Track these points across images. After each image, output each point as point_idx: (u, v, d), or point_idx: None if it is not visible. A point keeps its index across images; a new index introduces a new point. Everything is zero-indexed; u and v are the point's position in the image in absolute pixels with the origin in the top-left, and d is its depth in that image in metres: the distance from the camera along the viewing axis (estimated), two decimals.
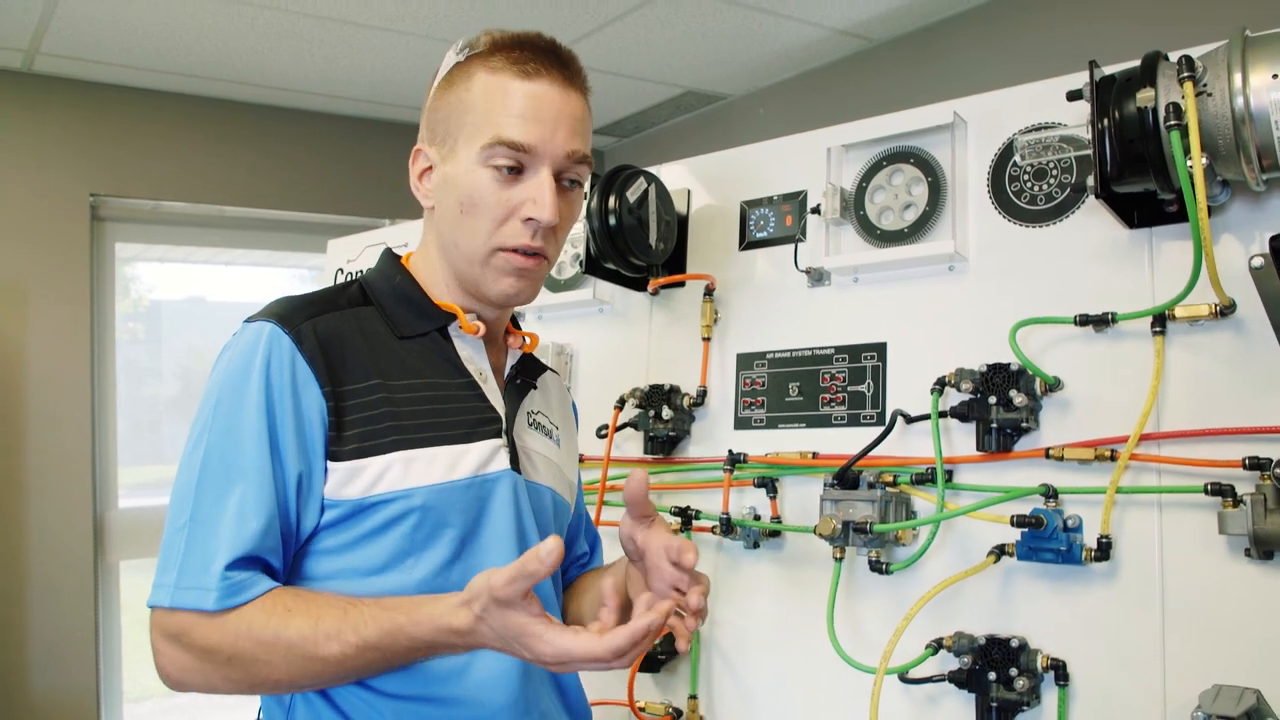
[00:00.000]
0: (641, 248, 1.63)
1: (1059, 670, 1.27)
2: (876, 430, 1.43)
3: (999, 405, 1.33)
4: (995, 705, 1.29)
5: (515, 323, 1.21)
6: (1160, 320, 1.25)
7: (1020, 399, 1.32)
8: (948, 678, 1.33)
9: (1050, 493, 1.29)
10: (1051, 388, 1.32)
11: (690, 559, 0.96)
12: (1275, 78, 1.07)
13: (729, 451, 1.60)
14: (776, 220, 1.66)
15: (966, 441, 1.38)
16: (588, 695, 1.21)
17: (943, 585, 1.33)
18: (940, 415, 1.38)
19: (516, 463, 1.10)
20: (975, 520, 1.34)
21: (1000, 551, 1.32)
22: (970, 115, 1.46)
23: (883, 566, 1.41)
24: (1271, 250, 1.04)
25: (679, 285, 1.75)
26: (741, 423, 1.64)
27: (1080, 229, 1.35)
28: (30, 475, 3.12)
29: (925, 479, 1.40)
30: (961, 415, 1.37)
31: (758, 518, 1.58)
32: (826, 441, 1.53)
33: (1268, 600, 1.15)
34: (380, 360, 1.04)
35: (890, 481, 1.42)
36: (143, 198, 3.40)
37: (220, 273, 3.89)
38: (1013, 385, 1.33)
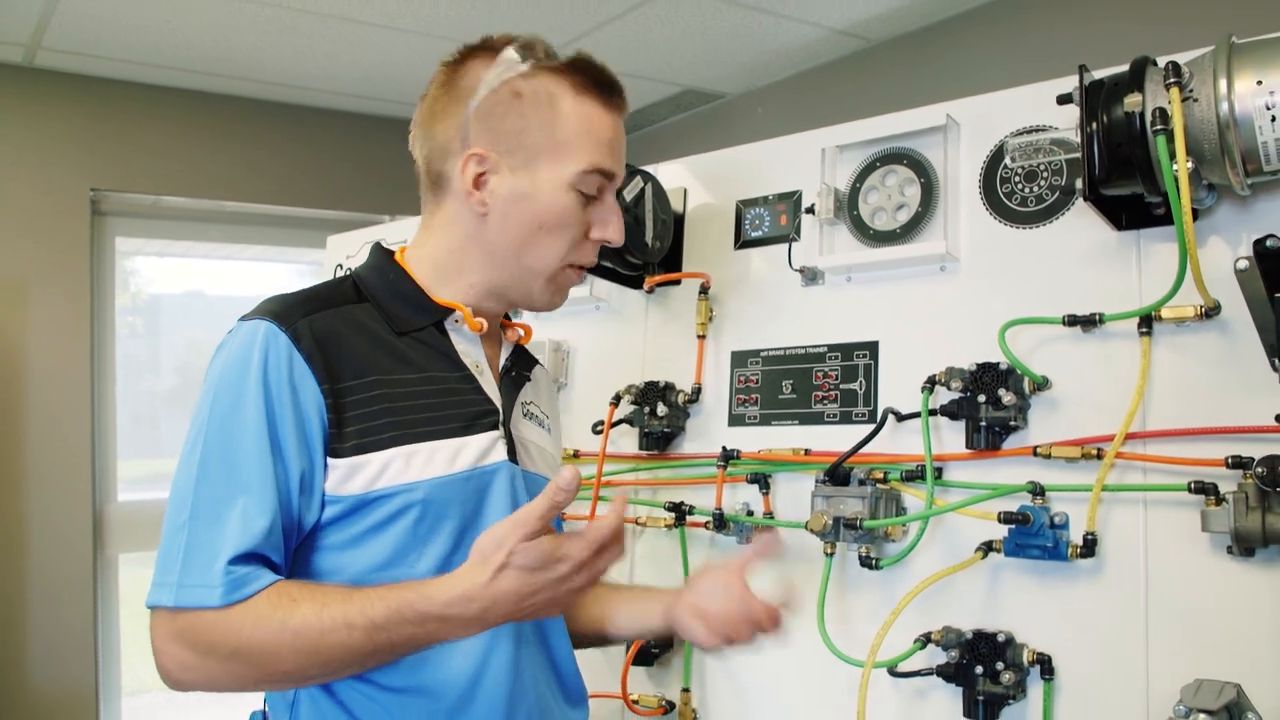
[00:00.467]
0: (638, 246, 1.64)
1: (1044, 664, 1.29)
2: (868, 428, 1.45)
3: (988, 404, 1.35)
4: (982, 699, 1.31)
5: (507, 315, 1.23)
6: (1147, 321, 1.27)
7: (1009, 398, 1.34)
8: (935, 671, 1.35)
9: (1037, 490, 1.31)
10: (1040, 387, 1.34)
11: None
12: (1260, 84, 1.09)
13: (723, 448, 1.62)
14: (771, 220, 1.68)
15: (956, 439, 1.40)
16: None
17: (930, 580, 1.35)
18: (930, 413, 1.40)
19: (514, 454, 1.12)
20: (964, 517, 1.36)
21: (988, 548, 1.33)
22: (963, 117, 1.48)
23: (872, 562, 1.43)
24: (1255, 253, 1.06)
25: (675, 283, 1.77)
26: (735, 419, 1.66)
27: (1070, 231, 1.37)
28: (30, 469, 3.13)
29: (915, 476, 1.42)
30: (951, 413, 1.39)
31: (750, 513, 1.60)
32: (819, 438, 1.55)
33: (1248, 597, 1.17)
34: (377, 356, 1.06)
35: (881, 478, 1.44)
36: (143, 192, 3.41)
37: (220, 267, 3.90)
38: (1002, 384, 1.35)
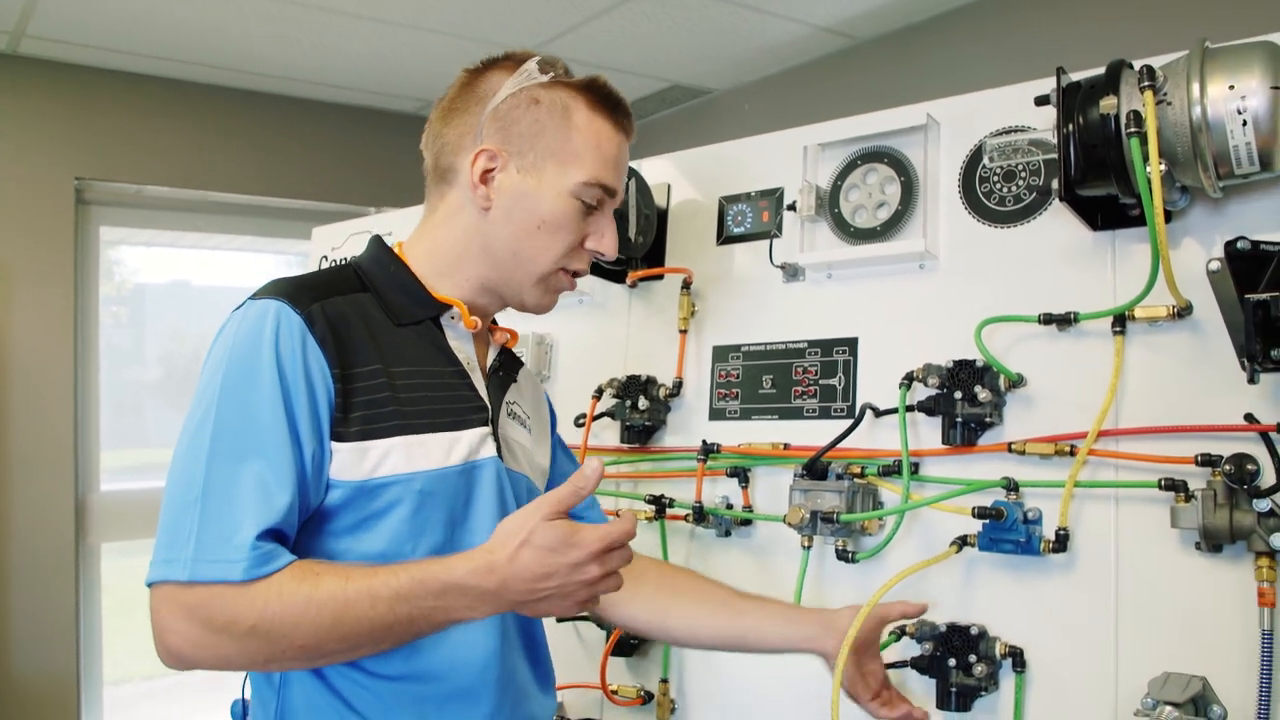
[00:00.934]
0: (621, 241, 1.65)
1: (1016, 657, 1.31)
2: (846, 423, 1.46)
3: (964, 400, 1.37)
4: (955, 690, 1.33)
5: (493, 319, 1.25)
6: (1120, 320, 1.29)
7: (985, 395, 1.35)
8: (909, 664, 1.37)
9: (1011, 486, 1.33)
10: (1015, 384, 1.36)
11: None
12: (1232, 88, 1.10)
13: (703, 441, 1.63)
14: (754, 216, 1.69)
15: (932, 435, 1.42)
16: (561, 679, 1.25)
17: (905, 573, 1.36)
18: (908, 409, 1.42)
19: (499, 451, 1.14)
20: (939, 511, 1.38)
21: (962, 542, 1.35)
22: (943, 117, 1.49)
23: (849, 555, 1.45)
24: (1227, 255, 1.08)
25: (657, 278, 1.78)
26: (716, 414, 1.67)
27: (1046, 230, 1.38)
28: (12, 457, 3.12)
29: (892, 471, 1.44)
30: (928, 410, 1.41)
31: (730, 506, 1.62)
32: (798, 433, 1.57)
33: (1215, 592, 1.19)
34: (381, 346, 1.07)
35: (858, 473, 1.45)
36: (128, 182, 3.39)
37: (205, 257, 3.89)
38: (978, 381, 1.37)
